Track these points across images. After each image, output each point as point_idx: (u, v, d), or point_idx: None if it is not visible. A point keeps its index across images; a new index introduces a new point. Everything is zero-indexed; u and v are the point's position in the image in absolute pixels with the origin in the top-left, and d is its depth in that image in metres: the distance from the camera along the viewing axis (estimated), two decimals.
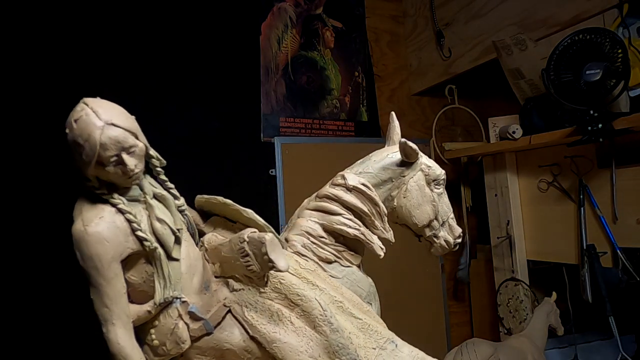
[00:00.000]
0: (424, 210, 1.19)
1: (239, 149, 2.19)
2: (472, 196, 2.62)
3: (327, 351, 0.95)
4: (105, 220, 0.85)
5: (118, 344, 0.86)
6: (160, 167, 0.95)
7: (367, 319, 1.06)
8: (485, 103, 2.76)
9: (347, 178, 1.16)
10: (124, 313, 0.87)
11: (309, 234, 1.14)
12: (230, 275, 1.02)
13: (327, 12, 2.50)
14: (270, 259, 0.89)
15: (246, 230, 0.94)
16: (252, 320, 0.97)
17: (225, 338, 0.97)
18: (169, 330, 0.93)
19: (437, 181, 1.21)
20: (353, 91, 2.55)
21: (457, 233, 1.23)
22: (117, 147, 0.82)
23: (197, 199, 1.13)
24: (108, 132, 0.81)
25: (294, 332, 0.96)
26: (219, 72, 2.17)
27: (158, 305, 0.91)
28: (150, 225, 0.90)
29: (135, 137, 0.85)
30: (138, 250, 0.89)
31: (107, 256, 0.84)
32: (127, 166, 0.84)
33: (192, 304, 0.94)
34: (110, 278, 0.85)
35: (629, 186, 1.76)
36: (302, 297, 0.98)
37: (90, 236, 0.84)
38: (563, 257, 2.02)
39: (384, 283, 1.48)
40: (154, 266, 0.90)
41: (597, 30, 1.62)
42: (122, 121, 0.83)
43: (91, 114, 0.81)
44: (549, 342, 1.92)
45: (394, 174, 1.19)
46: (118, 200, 0.88)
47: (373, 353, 1.00)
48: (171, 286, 0.91)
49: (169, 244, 0.91)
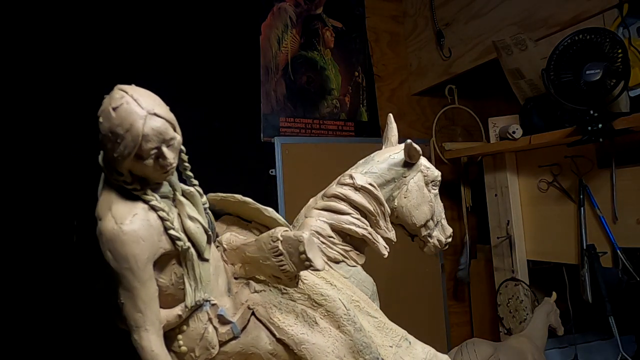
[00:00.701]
0: (423, 211, 1.21)
1: (239, 149, 2.19)
2: (472, 196, 2.62)
3: (351, 351, 0.95)
4: (139, 218, 0.79)
5: (152, 351, 0.80)
6: (187, 162, 0.90)
7: (382, 318, 1.07)
8: (485, 103, 2.76)
9: (355, 177, 1.16)
10: (157, 318, 0.81)
11: (318, 234, 1.13)
12: (250, 277, 0.98)
13: (327, 12, 2.50)
14: (307, 258, 0.84)
15: (278, 228, 0.90)
16: (279, 322, 0.94)
17: (251, 342, 0.94)
18: (198, 335, 0.88)
19: (434, 182, 1.23)
20: (353, 91, 2.55)
21: (448, 233, 1.26)
22: (158, 139, 0.76)
23: (209, 197, 1.06)
24: (151, 122, 0.75)
25: (319, 333, 0.95)
26: (219, 72, 2.17)
27: (189, 309, 0.86)
28: (181, 223, 0.85)
29: (174, 128, 0.80)
30: (170, 251, 0.83)
31: (144, 257, 0.78)
32: (167, 159, 0.78)
33: (221, 307, 0.89)
34: (145, 280, 0.79)
35: (629, 186, 1.76)
36: (326, 297, 0.97)
37: (126, 235, 0.77)
38: (563, 257, 2.02)
39: (384, 283, 1.48)
40: (184, 267, 0.85)
41: (597, 30, 1.62)
42: (164, 111, 0.78)
43: (132, 102, 0.74)
44: (549, 342, 1.92)
45: (397, 174, 1.20)
46: (151, 197, 0.81)
47: (390, 351, 1.01)
48: (202, 288, 0.86)
49: (202, 243, 0.86)
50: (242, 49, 2.24)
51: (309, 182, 1.26)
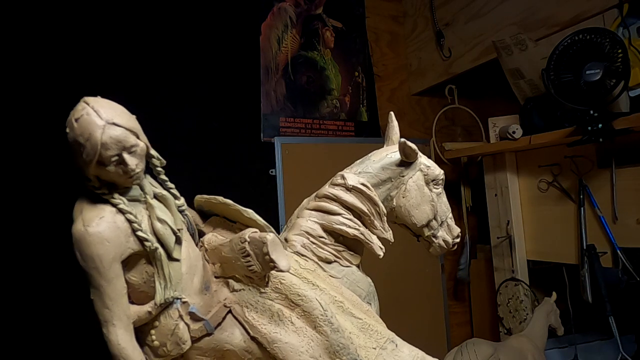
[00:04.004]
0: (423, 210, 1.19)
1: (239, 149, 2.19)
2: (472, 196, 2.63)
3: (327, 351, 0.95)
4: (105, 220, 0.85)
5: (119, 345, 0.86)
6: (160, 167, 0.94)
7: (367, 319, 1.05)
8: (485, 103, 2.76)
9: (346, 178, 1.15)
10: (124, 314, 0.87)
11: (308, 234, 1.14)
12: (230, 276, 1.01)
13: (327, 12, 2.50)
14: (271, 259, 0.89)
15: (247, 230, 0.94)
16: (253, 321, 0.96)
17: (225, 339, 0.97)
18: (169, 331, 0.92)
19: (435, 181, 1.20)
20: (353, 91, 2.55)
21: (455, 233, 1.23)
22: (118, 147, 0.81)
23: (196, 199, 1.12)
24: (109, 131, 0.80)
25: (294, 333, 0.96)
26: (219, 72, 2.17)
27: (159, 306, 0.90)
28: (151, 225, 0.90)
29: (137, 136, 0.85)
30: (139, 251, 0.88)
31: (109, 257, 0.84)
32: (129, 166, 0.83)
33: (192, 305, 0.93)
34: (111, 278, 0.85)
35: (629, 186, 1.76)
36: (303, 297, 0.97)
37: (91, 236, 0.83)
38: (563, 257, 2.02)
39: (384, 283, 1.48)
40: (154, 267, 0.90)
41: (597, 30, 1.62)
42: (124, 120, 0.83)
43: (92, 113, 0.80)
44: (549, 342, 1.92)
45: (393, 173, 1.19)
46: (119, 200, 0.87)
47: (373, 353, 1.00)
48: (172, 287, 0.90)
49: (170, 244, 0.91)
50: (242, 49, 2.24)
51: (309, 182, 1.25)
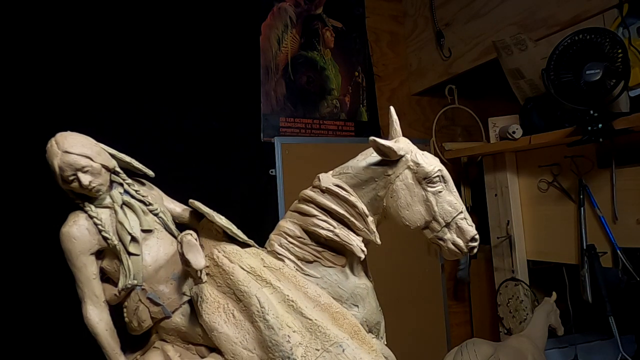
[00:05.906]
0: (415, 211, 1.12)
1: (239, 149, 2.18)
2: (472, 196, 2.62)
3: (261, 345, 1.01)
4: (77, 223, 1.11)
5: (87, 317, 1.11)
6: (129, 180, 1.16)
7: (319, 320, 1.04)
8: (485, 103, 2.76)
9: (321, 180, 1.16)
10: (93, 294, 1.12)
11: (286, 234, 1.19)
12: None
13: (327, 12, 2.50)
14: (186, 259, 1.03)
15: (184, 232, 1.08)
16: (201, 310, 1.07)
17: (182, 322, 1.14)
18: (133, 310, 1.14)
19: (429, 179, 1.11)
20: (353, 91, 2.55)
21: (468, 236, 1.11)
22: (71, 169, 1.05)
23: (190, 202, 1.24)
24: (64, 158, 1.05)
25: (234, 325, 1.04)
26: (219, 72, 2.17)
27: (121, 290, 1.13)
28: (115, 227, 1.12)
29: (91, 159, 1.07)
30: (104, 246, 1.12)
31: (76, 250, 1.10)
32: (82, 182, 1.06)
33: (150, 292, 1.13)
34: (79, 267, 1.11)
35: (629, 186, 1.76)
36: (244, 294, 1.04)
37: (63, 235, 1.10)
38: (563, 257, 2.02)
39: (384, 283, 1.48)
40: (119, 259, 1.12)
41: (597, 30, 1.62)
42: (77, 149, 1.06)
43: (54, 145, 1.06)
44: (549, 342, 1.92)
45: (375, 173, 1.14)
46: (88, 208, 1.11)
47: (315, 353, 1.00)
48: (130, 276, 1.11)
49: (126, 242, 1.12)
50: (242, 49, 2.23)
51: (309, 182, 1.25)
